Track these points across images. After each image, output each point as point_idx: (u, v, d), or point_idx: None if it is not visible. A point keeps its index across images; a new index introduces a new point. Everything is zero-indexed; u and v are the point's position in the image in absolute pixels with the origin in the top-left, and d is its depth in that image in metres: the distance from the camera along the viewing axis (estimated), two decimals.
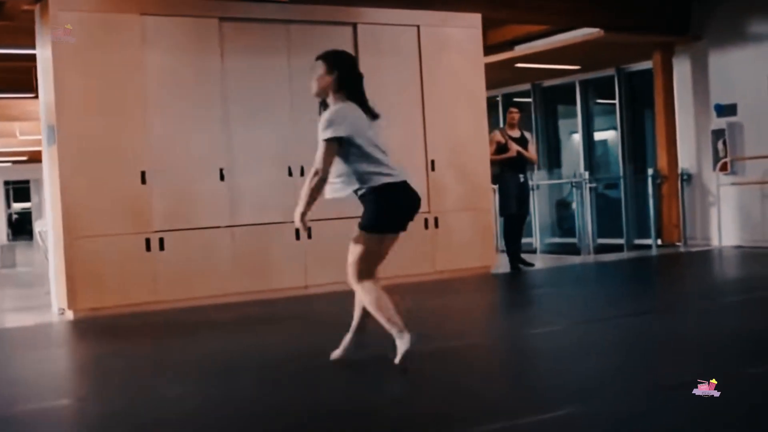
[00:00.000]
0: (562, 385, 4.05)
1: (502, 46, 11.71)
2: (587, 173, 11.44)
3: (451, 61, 8.88)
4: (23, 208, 30.91)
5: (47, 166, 7.64)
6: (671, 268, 9.67)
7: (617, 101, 12.47)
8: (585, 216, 10.93)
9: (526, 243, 10.82)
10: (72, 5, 7.19)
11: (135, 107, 7.43)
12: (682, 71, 11.14)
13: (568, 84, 13.24)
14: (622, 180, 12.26)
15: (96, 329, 6.69)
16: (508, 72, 12.19)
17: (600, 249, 11.07)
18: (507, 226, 9.36)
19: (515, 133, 9.37)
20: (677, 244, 11.08)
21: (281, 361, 4.94)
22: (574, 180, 11.38)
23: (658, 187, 11.19)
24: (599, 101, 13.29)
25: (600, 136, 13.47)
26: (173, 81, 7.60)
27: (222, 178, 7.75)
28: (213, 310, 7.29)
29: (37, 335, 6.78)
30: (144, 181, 7.42)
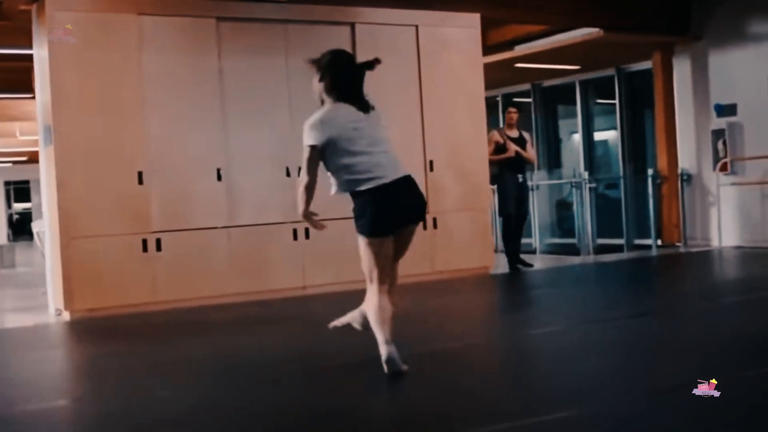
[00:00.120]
0: (561, 386, 4.03)
1: (502, 46, 11.69)
2: (587, 173, 11.41)
3: (450, 61, 8.85)
4: (24, 208, 30.90)
5: (44, 166, 7.60)
6: (671, 268, 9.64)
7: (617, 101, 12.44)
8: (584, 216, 10.90)
9: (525, 243, 10.79)
10: (68, 5, 7.17)
11: (132, 107, 7.40)
12: (682, 71, 11.12)
13: (568, 84, 13.22)
14: (622, 180, 12.23)
15: (93, 330, 6.67)
16: (508, 72, 12.17)
17: (600, 249, 11.05)
18: (506, 226, 9.34)
19: (514, 133, 9.35)
20: (677, 244, 11.05)
21: (279, 362, 4.92)
22: (573, 180, 11.35)
23: (658, 188, 11.16)
24: (599, 101, 13.27)
25: (601, 136, 13.45)
26: (170, 81, 7.57)
27: (219, 178, 7.72)
28: (210, 310, 7.27)
29: (34, 336, 6.75)
30: (141, 182, 7.39)
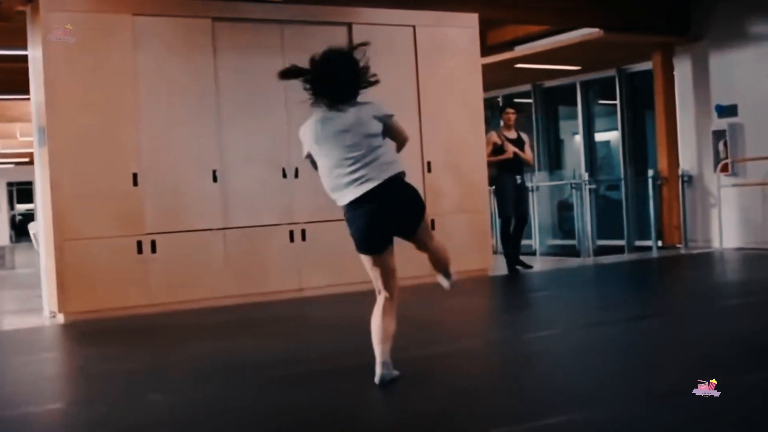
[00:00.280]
0: (562, 390, 4.00)
1: (501, 46, 11.65)
2: (587, 174, 11.34)
3: (448, 62, 8.80)
4: (27, 209, 30.93)
5: (38, 167, 7.57)
6: (672, 270, 9.58)
7: (618, 102, 12.38)
8: (584, 218, 10.83)
9: (525, 245, 10.73)
10: (63, 6, 7.14)
11: (127, 108, 7.37)
12: (682, 72, 11.05)
13: (568, 85, 13.17)
14: (622, 181, 12.16)
15: (87, 333, 6.64)
16: (508, 73, 12.13)
17: (600, 251, 10.98)
18: (504, 228, 9.29)
19: (511, 134, 9.30)
20: (678, 246, 10.99)
21: (276, 364, 4.87)
22: (573, 181, 11.29)
23: (658, 189, 11.10)
24: (600, 102, 13.21)
25: (603, 137, 13.39)
26: (165, 82, 7.54)
27: (215, 179, 7.68)
28: (206, 313, 7.23)
29: (27, 339, 6.71)
30: (136, 183, 7.36)
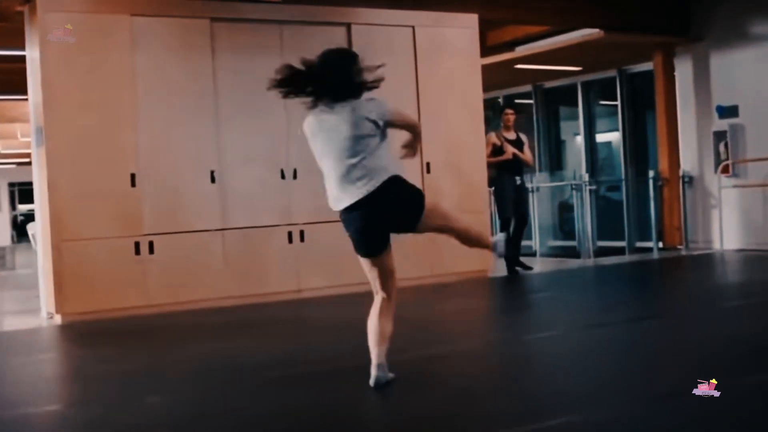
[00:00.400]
0: (562, 391, 3.99)
1: (501, 47, 11.62)
2: (587, 175, 11.31)
3: (447, 62, 8.77)
4: (29, 209, 30.96)
5: (36, 167, 7.56)
6: (672, 271, 9.54)
7: (619, 103, 12.35)
8: (585, 219, 10.80)
9: (526, 246, 10.70)
10: (60, 6, 7.12)
11: (125, 109, 7.35)
12: (683, 72, 11.02)
13: (569, 85, 13.15)
14: (623, 182, 12.13)
15: (84, 334, 6.62)
16: (508, 73, 12.11)
17: (601, 252, 10.95)
18: (504, 229, 9.26)
19: (511, 135, 9.27)
20: (679, 247, 10.95)
21: (275, 365, 4.86)
22: (574, 182, 11.26)
23: (659, 190, 11.06)
24: (601, 103, 13.18)
25: (604, 137, 13.35)
26: (164, 82, 7.52)
27: (213, 180, 7.66)
28: (204, 314, 7.21)
29: (25, 340, 6.70)
30: (134, 184, 7.34)
